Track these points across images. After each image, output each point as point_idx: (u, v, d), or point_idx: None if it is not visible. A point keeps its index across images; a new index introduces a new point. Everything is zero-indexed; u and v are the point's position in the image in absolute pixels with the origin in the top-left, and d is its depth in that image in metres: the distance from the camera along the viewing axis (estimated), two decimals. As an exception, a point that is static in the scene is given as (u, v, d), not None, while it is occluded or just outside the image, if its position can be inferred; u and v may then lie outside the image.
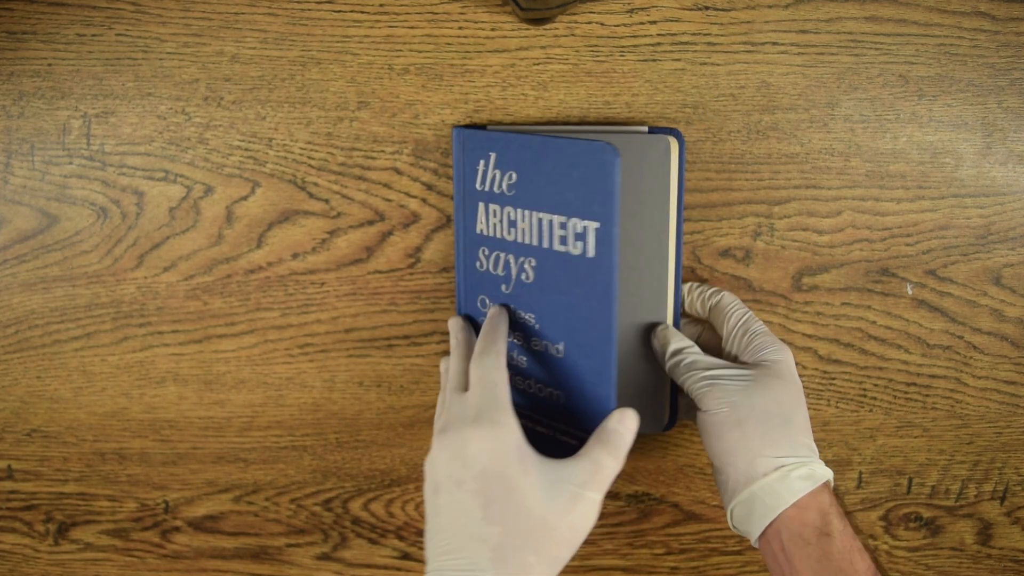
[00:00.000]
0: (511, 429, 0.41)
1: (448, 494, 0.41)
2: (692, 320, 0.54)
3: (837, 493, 0.45)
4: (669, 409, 0.53)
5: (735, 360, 0.49)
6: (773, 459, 0.43)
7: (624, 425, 0.43)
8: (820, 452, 0.58)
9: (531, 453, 0.41)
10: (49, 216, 0.54)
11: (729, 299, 0.50)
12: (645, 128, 0.50)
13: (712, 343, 0.52)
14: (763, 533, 0.44)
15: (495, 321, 0.46)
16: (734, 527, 0.46)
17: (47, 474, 0.59)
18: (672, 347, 0.49)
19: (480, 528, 0.40)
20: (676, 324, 0.51)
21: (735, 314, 0.49)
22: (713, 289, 0.52)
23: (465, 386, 0.45)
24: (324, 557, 0.60)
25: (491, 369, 0.43)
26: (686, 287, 0.52)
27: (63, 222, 0.54)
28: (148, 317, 0.56)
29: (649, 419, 0.52)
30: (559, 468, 0.41)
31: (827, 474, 0.44)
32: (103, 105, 0.52)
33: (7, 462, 0.59)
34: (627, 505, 0.60)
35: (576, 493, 0.40)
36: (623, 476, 0.59)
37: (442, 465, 0.42)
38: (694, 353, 0.48)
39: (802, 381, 0.56)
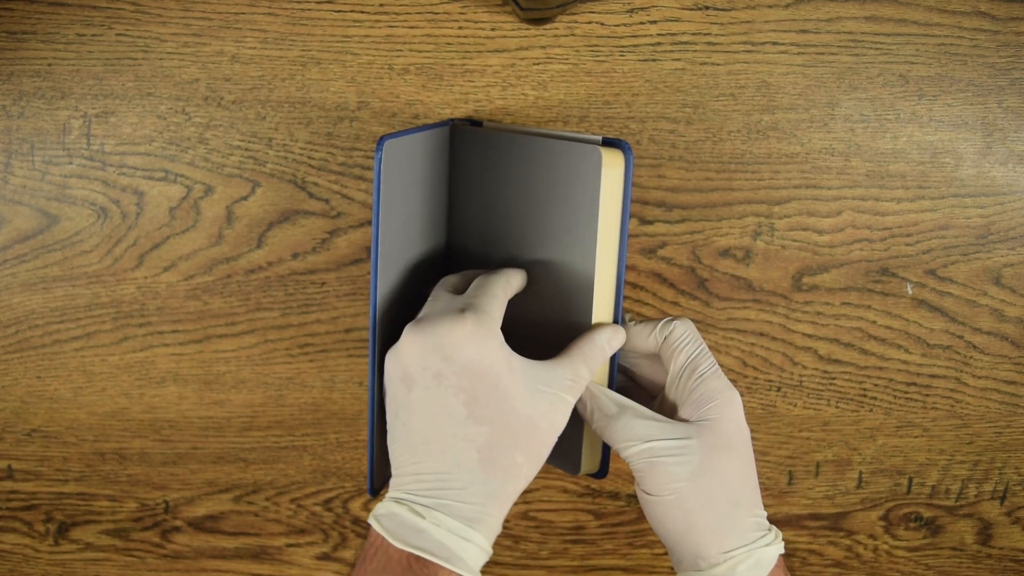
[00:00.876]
0: (497, 327, 0.39)
1: (424, 389, 0.38)
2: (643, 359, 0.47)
3: (787, 566, 0.43)
4: (601, 455, 0.47)
5: (675, 411, 0.44)
6: (720, 553, 0.41)
7: (611, 344, 0.42)
8: (820, 452, 0.58)
9: (513, 352, 0.39)
10: (49, 216, 0.54)
11: (681, 331, 0.44)
12: (599, 139, 0.43)
13: (650, 380, 0.47)
14: None
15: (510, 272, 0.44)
16: None
17: (47, 474, 0.59)
18: (596, 406, 0.42)
19: (465, 427, 0.37)
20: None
21: (684, 350, 0.43)
22: (666, 320, 0.44)
23: (460, 291, 0.42)
24: (324, 557, 0.60)
25: (495, 284, 0.41)
26: (629, 326, 0.45)
27: (63, 222, 0.54)
28: (148, 317, 0.56)
29: (563, 460, 0.47)
30: (539, 371, 0.39)
31: (775, 554, 0.41)
32: (103, 105, 0.52)
33: (7, 462, 0.59)
34: (627, 505, 0.60)
35: (556, 396, 0.39)
36: (623, 476, 0.59)
37: (415, 356, 0.38)
38: (626, 414, 0.41)
39: (803, 381, 0.57)
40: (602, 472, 0.47)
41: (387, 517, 0.37)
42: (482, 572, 0.63)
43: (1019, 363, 0.56)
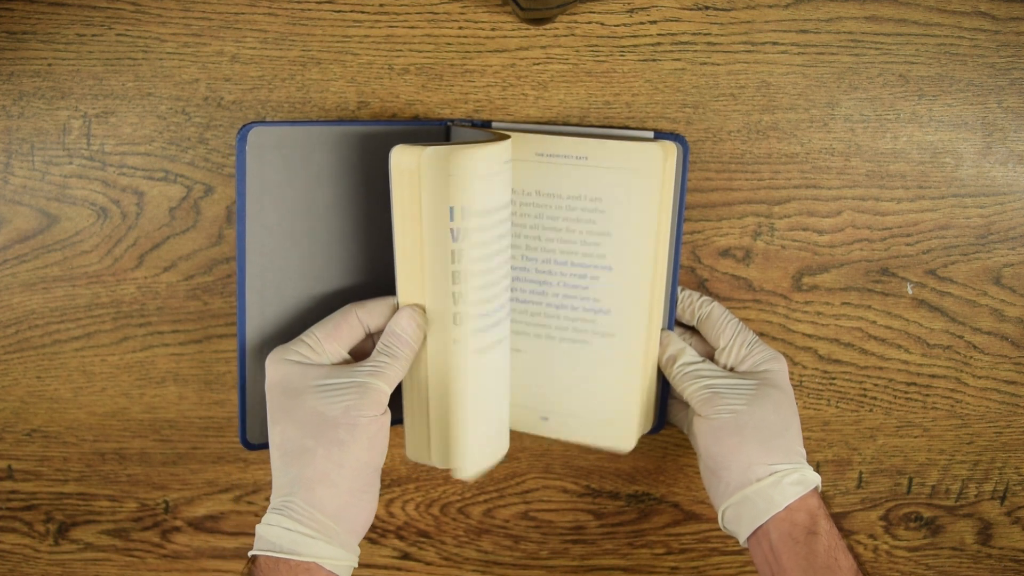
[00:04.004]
0: (298, 349, 0.44)
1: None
2: (683, 328, 0.54)
3: (824, 496, 0.46)
4: (656, 412, 0.53)
5: (731, 370, 0.50)
6: (768, 465, 0.45)
7: (399, 326, 0.44)
8: (820, 452, 0.58)
9: (313, 364, 0.44)
10: (49, 216, 0.54)
11: (719, 311, 0.51)
12: (651, 134, 0.51)
13: (701, 350, 0.52)
14: (753, 533, 0.46)
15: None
16: (724, 527, 0.48)
17: (47, 474, 0.59)
18: (670, 352, 0.50)
19: (271, 434, 0.44)
20: (670, 327, 0.51)
21: (729, 326, 0.50)
22: (703, 299, 0.52)
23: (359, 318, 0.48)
24: (324, 557, 0.60)
25: (326, 321, 0.46)
26: (681, 293, 0.52)
27: (63, 222, 0.54)
28: (148, 317, 0.56)
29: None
30: (340, 369, 0.44)
31: (816, 479, 0.46)
32: (103, 105, 0.52)
33: (7, 462, 0.59)
34: (627, 505, 0.60)
35: (352, 383, 0.43)
36: (623, 476, 0.59)
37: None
38: (695, 362, 0.49)
39: (803, 381, 0.57)
40: (659, 426, 0.54)
41: (261, 539, 0.43)
42: (483, 572, 0.63)
43: (1019, 363, 0.56)
